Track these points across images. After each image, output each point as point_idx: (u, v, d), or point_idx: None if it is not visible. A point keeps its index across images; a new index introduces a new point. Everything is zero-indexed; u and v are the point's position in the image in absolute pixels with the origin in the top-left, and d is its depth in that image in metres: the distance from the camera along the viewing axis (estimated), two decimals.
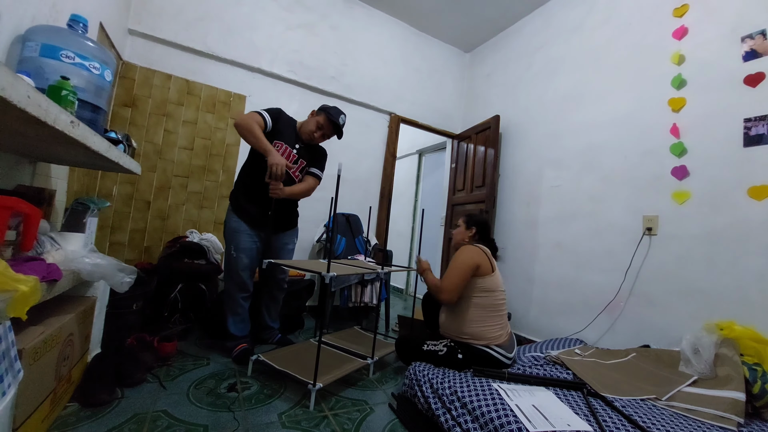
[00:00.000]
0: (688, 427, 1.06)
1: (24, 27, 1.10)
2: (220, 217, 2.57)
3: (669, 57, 1.99)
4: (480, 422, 1.07)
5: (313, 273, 1.49)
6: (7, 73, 0.57)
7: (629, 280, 1.99)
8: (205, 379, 1.56)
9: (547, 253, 2.52)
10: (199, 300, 2.11)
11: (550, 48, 2.79)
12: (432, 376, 1.35)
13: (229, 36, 2.56)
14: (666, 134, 1.94)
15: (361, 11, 3.14)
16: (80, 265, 1.12)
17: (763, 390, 1.18)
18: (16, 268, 0.78)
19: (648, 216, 1.96)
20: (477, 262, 1.54)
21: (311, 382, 1.40)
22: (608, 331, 2.05)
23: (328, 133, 1.89)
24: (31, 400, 0.95)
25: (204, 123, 2.51)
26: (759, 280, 1.53)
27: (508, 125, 3.03)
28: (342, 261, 2.23)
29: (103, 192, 2.21)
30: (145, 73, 2.32)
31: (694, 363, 1.33)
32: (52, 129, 0.75)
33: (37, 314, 1.09)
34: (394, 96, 3.29)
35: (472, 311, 1.53)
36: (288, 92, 2.82)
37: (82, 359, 1.34)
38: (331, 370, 1.56)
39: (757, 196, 1.57)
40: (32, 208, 0.95)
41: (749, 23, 1.69)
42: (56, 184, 1.57)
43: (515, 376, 1.34)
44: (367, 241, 2.88)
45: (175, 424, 1.21)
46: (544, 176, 2.64)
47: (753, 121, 1.62)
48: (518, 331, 2.59)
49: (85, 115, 1.10)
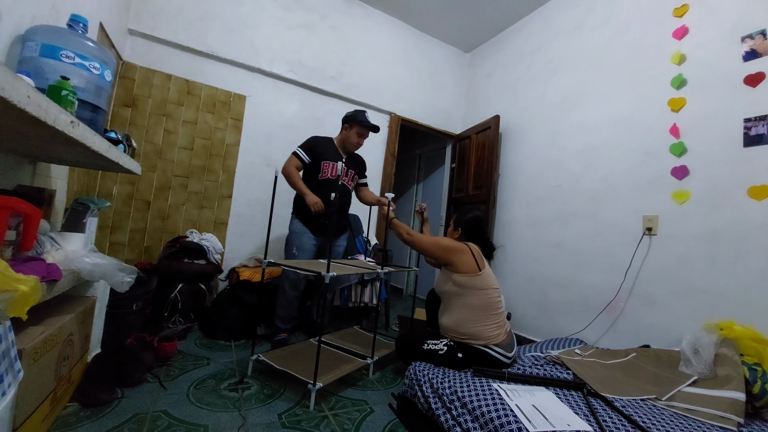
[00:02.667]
0: (688, 427, 1.06)
1: (24, 27, 1.10)
2: (220, 217, 2.57)
3: (669, 57, 1.98)
4: (480, 422, 1.07)
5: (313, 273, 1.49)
6: (7, 73, 0.57)
7: (629, 280, 1.99)
8: (205, 379, 1.56)
9: (547, 253, 2.52)
10: (199, 300, 2.11)
11: (550, 48, 2.79)
12: (432, 375, 1.35)
13: (229, 36, 2.56)
14: (666, 134, 1.94)
15: (360, 11, 3.14)
16: (80, 265, 1.12)
17: (763, 390, 1.18)
18: (16, 268, 0.78)
19: (648, 216, 1.96)
20: (454, 247, 1.61)
21: (311, 381, 1.40)
22: (608, 331, 2.05)
23: (367, 135, 2.17)
24: (31, 400, 0.95)
25: (204, 123, 2.51)
26: (759, 280, 1.53)
27: (508, 125, 3.03)
28: (342, 261, 2.23)
29: (103, 192, 2.21)
30: (145, 73, 2.32)
31: (694, 363, 1.33)
32: (52, 129, 0.75)
33: (37, 314, 1.09)
34: (394, 96, 3.29)
35: (468, 311, 1.54)
36: (288, 92, 2.82)
37: (82, 359, 1.34)
38: (331, 370, 1.56)
39: (757, 196, 1.57)
40: (32, 208, 0.95)
41: (749, 23, 1.69)
42: (56, 184, 1.57)
43: (515, 376, 1.34)
44: (367, 241, 2.88)
45: (175, 424, 1.21)
46: (544, 176, 2.64)
47: (753, 121, 1.62)
48: (518, 331, 2.59)
49: (85, 115, 1.10)
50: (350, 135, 2.11)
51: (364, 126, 2.10)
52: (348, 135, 2.12)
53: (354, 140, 2.12)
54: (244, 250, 2.63)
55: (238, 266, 2.43)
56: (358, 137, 2.12)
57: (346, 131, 2.13)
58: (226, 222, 2.60)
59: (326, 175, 2.08)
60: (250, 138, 2.66)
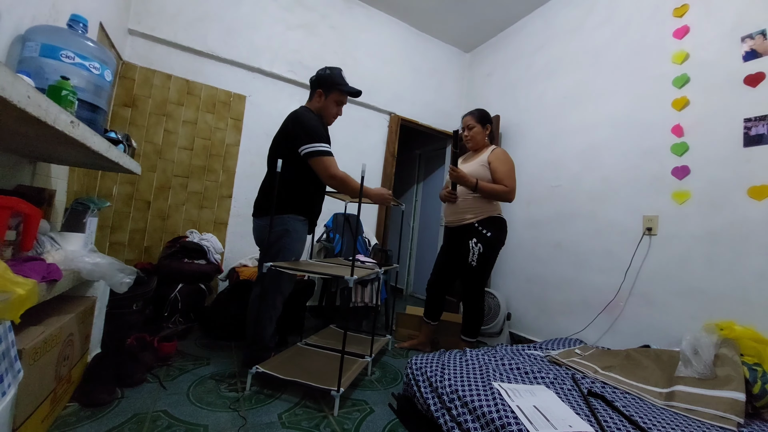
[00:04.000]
0: (689, 427, 1.06)
1: (24, 27, 1.10)
2: (220, 217, 2.57)
3: (669, 57, 1.99)
4: (481, 422, 1.07)
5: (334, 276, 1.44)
6: (7, 73, 0.57)
7: (629, 280, 1.99)
8: (205, 379, 1.55)
9: (547, 253, 2.52)
10: (199, 300, 2.11)
11: (550, 48, 2.79)
12: (431, 374, 1.34)
13: (229, 36, 2.56)
14: (666, 134, 1.94)
15: (360, 11, 3.14)
16: (80, 265, 1.12)
17: (764, 390, 1.18)
18: (16, 268, 0.78)
19: (648, 216, 1.96)
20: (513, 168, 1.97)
21: (334, 388, 1.37)
22: (608, 331, 2.05)
23: (346, 102, 1.78)
24: (31, 400, 0.95)
25: (204, 123, 2.51)
26: (759, 280, 1.54)
27: (508, 125, 3.03)
28: (341, 261, 2.23)
29: (103, 192, 2.21)
30: (145, 73, 2.32)
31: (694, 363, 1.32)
32: (52, 129, 0.75)
33: (37, 314, 1.09)
34: (394, 96, 3.29)
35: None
36: (288, 92, 2.82)
37: (82, 359, 1.34)
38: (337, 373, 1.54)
39: (757, 196, 1.57)
40: (32, 208, 0.95)
41: (749, 23, 1.69)
42: (56, 184, 1.57)
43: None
44: (367, 240, 2.88)
45: (175, 424, 1.21)
46: (544, 176, 2.64)
47: (753, 121, 1.62)
48: (518, 331, 2.59)
49: (85, 115, 1.10)
50: (328, 105, 1.70)
51: (344, 92, 1.70)
52: (325, 105, 1.70)
53: (333, 111, 1.73)
54: (244, 250, 2.63)
55: (238, 266, 2.42)
56: (338, 105, 1.73)
57: (321, 99, 1.70)
58: (226, 222, 2.60)
59: None
60: (250, 138, 2.66)
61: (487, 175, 1.97)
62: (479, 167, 2.00)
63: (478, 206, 1.99)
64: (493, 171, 1.96)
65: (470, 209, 2.00)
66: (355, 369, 1.62)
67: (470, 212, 2.00)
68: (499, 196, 1.96)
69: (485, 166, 1.99)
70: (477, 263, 1.95)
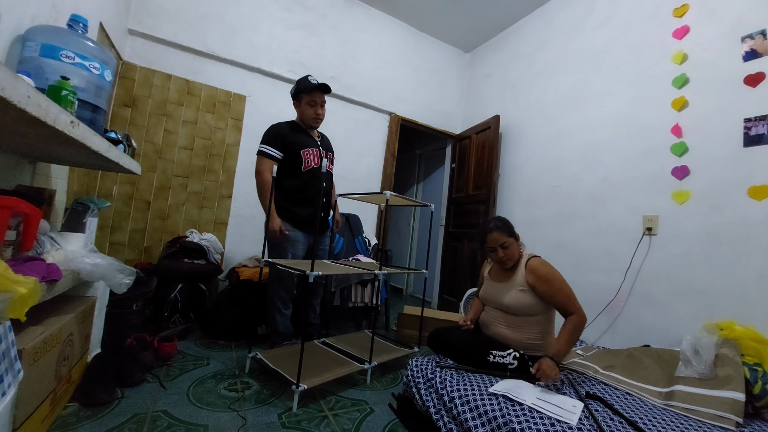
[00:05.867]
0: (689, 427, 1.06)
1: (24, 27, 1.10)
2: (220, 217, 2.57)
3: (669, 57, 1.98)
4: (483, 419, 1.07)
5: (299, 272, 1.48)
6: (7, 73, 0.57)
7: (629, 280, 1.99)
8: (205, 379, 1.56)
9: (547, 253, 2.50)
10: (199, 300, 2.11)
11: (550, 48, 2.79)
12: (431, 375, 1.34)
13: (229, 36, 2.56)
14: (666, 134, 1.94)
15: (361, 11, 3.14)
16: (80, 265, 1.12)
17: (764, 390, 1.18)
18: (16, 268, 0.78)
19: (648, 216, 1.96)
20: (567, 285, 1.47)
21: (296, 382, 1.38)
22: (608, 331, 2.05)
23: (321, 100, 1.91)
24: (31, 400, 0.95)
25: (204, 123, 2.51)
26: (759, 280, 1.53)
27: (508, 125, 3.03)
28: (341, 261, 2.23)
29: (103, 192, 2.21)
30: (145, 73, 2.32)
31: (694, 364, 1.32)
32: (52, 129, 0.75)
33: (37, 314, 1.09)
34: (394, 96, 3.29)
35: (550, 325, 1.50)
36: (288, 92, 2.81)
37: (82, 359, 1.34)
38: (322, 372, 1.53)
39: (757, 196, 1.57)
40: (32, 208, 0.95)
41: (749, 23, 1.69)
42: (56, 184, 1.57)
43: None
44: (367, 240, 2.88)
45: (175, 424, 1.21)
46: (544, 176, 2.64)
47: (753, 121, 1.62)
48: None
49: (85, 115, 1.10)
50: (303, 109, 1.89)
51: (309, 91, 1.85)
52: (302, 110, 1.90)
53: (309, 112, 1.89)
54: (244, 250, 2.63)
55: (238, 266, 2.42)
56: (311, 106, 1.88)
57: (297, 108, 1.93)
58: (226, 222, 2.60)
59: (310, 165, 1.88)
60: (250, 138, 2.66)
61: (527, 300, 1.47)
62: (518, 294, 1.49)
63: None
64: (544, 294, 1.44)
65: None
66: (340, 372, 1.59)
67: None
68: (578, 332, 1.40)
69: (524, 290, 1.48)
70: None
